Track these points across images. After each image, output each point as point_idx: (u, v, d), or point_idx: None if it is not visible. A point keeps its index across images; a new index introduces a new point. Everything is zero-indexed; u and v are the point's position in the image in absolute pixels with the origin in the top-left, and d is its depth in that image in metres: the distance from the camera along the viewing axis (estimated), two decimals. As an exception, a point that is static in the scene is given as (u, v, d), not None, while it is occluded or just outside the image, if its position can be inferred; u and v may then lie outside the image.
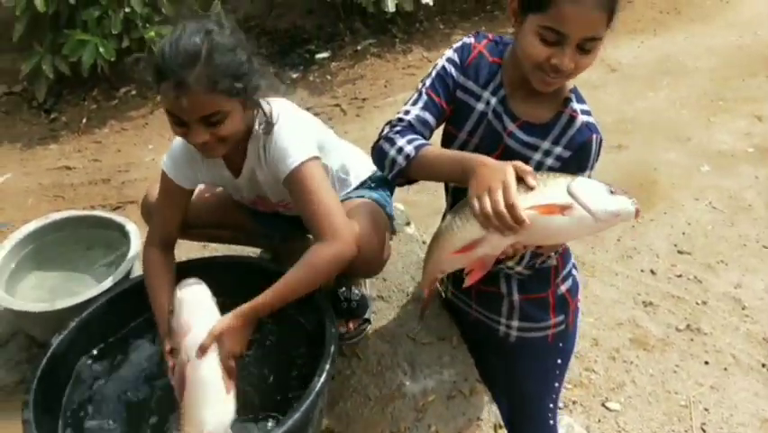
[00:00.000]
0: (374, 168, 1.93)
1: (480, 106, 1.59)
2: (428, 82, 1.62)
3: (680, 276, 3.20)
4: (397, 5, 4.81)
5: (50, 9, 4.20)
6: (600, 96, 4.54)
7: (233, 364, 1.52)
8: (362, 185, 1.97)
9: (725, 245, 3.36)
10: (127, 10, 4.28)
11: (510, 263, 1.58)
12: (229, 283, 1.74)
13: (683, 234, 3.45)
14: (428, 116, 1.59)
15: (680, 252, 3.34)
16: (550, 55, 1.39)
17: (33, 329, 2.00)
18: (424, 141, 1.55)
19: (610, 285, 3.18)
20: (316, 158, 1.66)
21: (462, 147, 1.63)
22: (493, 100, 1.58)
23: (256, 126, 1.71)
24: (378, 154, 1.58)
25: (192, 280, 1.62)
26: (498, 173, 1.35)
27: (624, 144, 4.09)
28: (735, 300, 3.05)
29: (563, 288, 1.77)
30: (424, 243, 2.67)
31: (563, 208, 1.32)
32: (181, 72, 1.50)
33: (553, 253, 1.65)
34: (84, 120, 4.45)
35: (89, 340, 1.76)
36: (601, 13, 1.35)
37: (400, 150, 1.52)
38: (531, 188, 1.34)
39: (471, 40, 1.63)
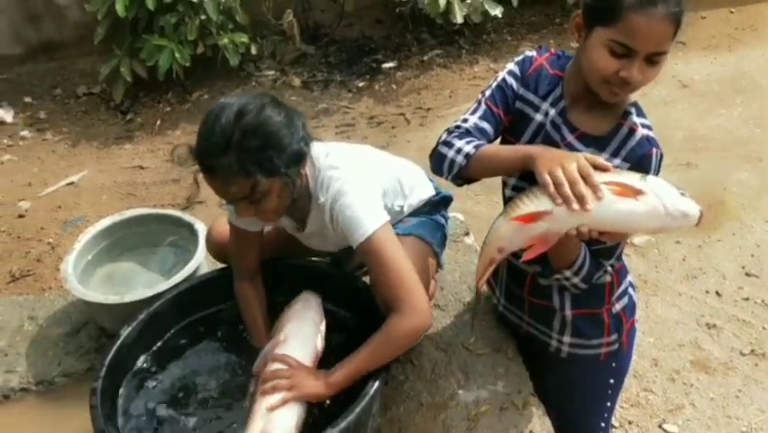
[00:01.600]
0: (431, 192, 1.98)
1: (539, 117, 1.60)
2: (488, 93, 1.64)
3: (746, 299, 3.11)
4: (465, 17, 4.81)
5: (130, 14, 4.37)
6: (671, 113, 4.44)
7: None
8: (418, 210, 1.96)
9: (795, 270, 3.25)
10: (203, 17, 4.42)
11: (568, 273, 1.57)
12: (295, 285, 1.82)
13: (752, 256, 3.35)
14: (486, 125, 1.61)
15: (747, 274, 3.25)
16: (619, 68, 1.39)
17: (104, 320, 2.09)
18: (482, 141, 1.58)
19: (673, 305, 3.11)
20: (387, 222, 1.65)
21: None
22: (552, 111, 1.58)
23: (312, 187, 1.70)
24: (437, 158, 1.60)
25: (314, 296, 1.76)
26: (569, 154, 1.40)
27: (693, 162, 3.99)
28: (803, 327, 2.94)
29: (618, 306, 1.75)
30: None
31: (638, 192, 1.33)
32: (210, 160, 1.51)
33: (609, 268, 1.62)
34: (158, 122, 4.61)
35: (156, 333, 1.83)
36: (670, 26, 1.36)
37: (459, 150, 1.55)
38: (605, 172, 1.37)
39: (533, 53, 1.65)
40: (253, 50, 4.75)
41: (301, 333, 1.67)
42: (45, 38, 5.04)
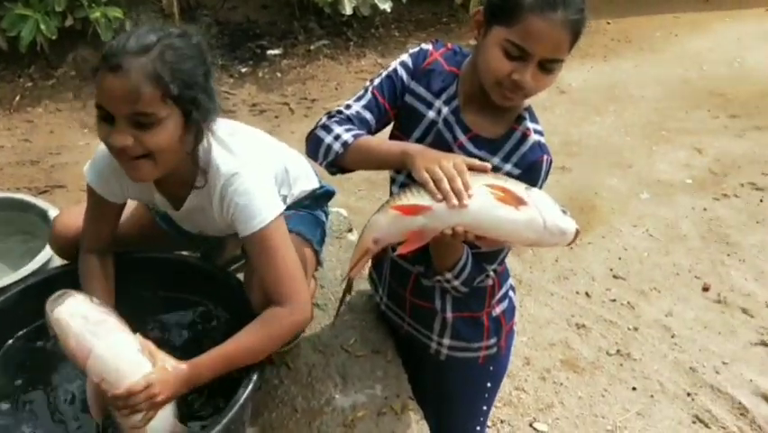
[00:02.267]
0: (315, 185, 1.88)
1: (431, 114, 1.55)
2: (376, 81, 1.58)
3: (613, 300, 3.24)
4: (354, 9, 4.76)
5: (-10, -21, 4.01)
6: (549, 118, 4.58)
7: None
8: (299, 203, 1.86)
9: (658, 273, 3.42)
10: (73, -13, 4.12)
11: (448, 276, 1.53)
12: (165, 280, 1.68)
13: (619, 259, 3.50)
14: (368, 115, 1.56)
15: (615, 276, 3.39)
16: (512, 70, 1.36)
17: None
18: (362, 132, 1.52)
19: (545, 305, 3.19)
20: (282, 213, 1.55)
21: None
22: (445, 109, 1.54)
23: (203, 161, 1.54)
24: (313, 141, 1.53)
25: (60, 293, 1.42)
26: (446, 154, 1.37)
27: (568, 166, 4.13)
28: (665, 328, 3.10)
29: (498, 309, 1.74)
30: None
31: (520, 202, 1.31)
32: (124, 56, 1.35)
33: (491, 272, 1.60)
34: (17, 98, 4.25)
35: (1, 331, 1.64)
36: (568, 34, 1.34)
37: (338, 137, 1.49)
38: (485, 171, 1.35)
39: (429, 46, 1.59)
40: (128, 26, 4.45)
41: (108, 348, 1.39)
42: None
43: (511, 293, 1.79)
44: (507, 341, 1.79)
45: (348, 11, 4.73)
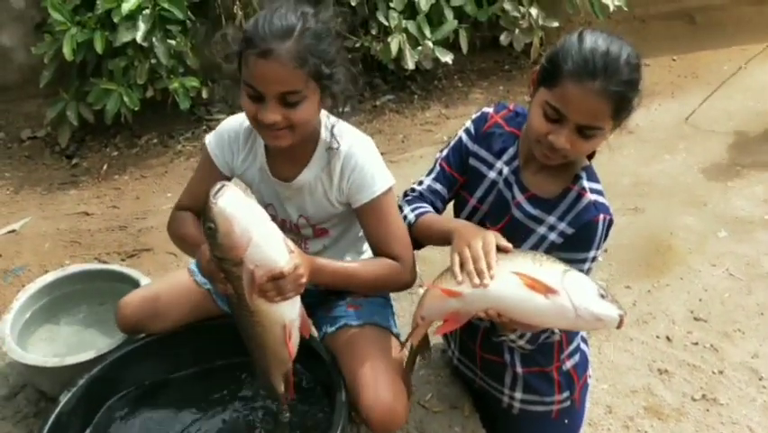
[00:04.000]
0: None
1: (492, 175, 1.61)
2: (444, 153, 1.67)
3: (696, 344, 3.15)
4: (416, 63, 4.88)
5: (78, 58, 4.30)
6: (617, 159, 4.53)
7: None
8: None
9: (741, 313, 3.31)
10: (153, 61, 4.37)
11: (512, 336, 1.56)
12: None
13: (700, 300, 3.41)
14: (439, 186, 1.67)
15: (696, 319, 3.30)
16: (548, 131, 1.41)
17: (43, 383, 1.99)
18: (427, 209, 1.63)
19: (625, 351, 3.13)
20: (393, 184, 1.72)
21: (472, 213, 1.66)
22: (506, 170, 1.60)
23: (323, 135, 1.70)
24: None
25: (220, 186, 1.46)
26: (479, 232, 1.44)
27: (640, 207, 4.07)
28: (751, 370, 2.99)
29: (569, 364, 1.74)
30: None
31: (549, 290, 1.31)
32: (272, 42, 1.50)
33: (556, 330, 1.62)
34: (105, 167, 4.51)
35: (99, 398, 1.75)
36: (606, 104, 1.36)
37: (405, 217, 1.64)
38: (506, 252, 1.39)
39: (490, 110, 1.66)
40: (204, 94, 4.70)
41: (263, 237, 1.46)
42: (-12, 80, 4.90)
43: (583, 346, 1.79)
44: (581, 394, 1.78)
45: (411, 66, 4.84)
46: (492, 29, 5.36)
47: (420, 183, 1.69)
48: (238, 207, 1.42)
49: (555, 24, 5.26)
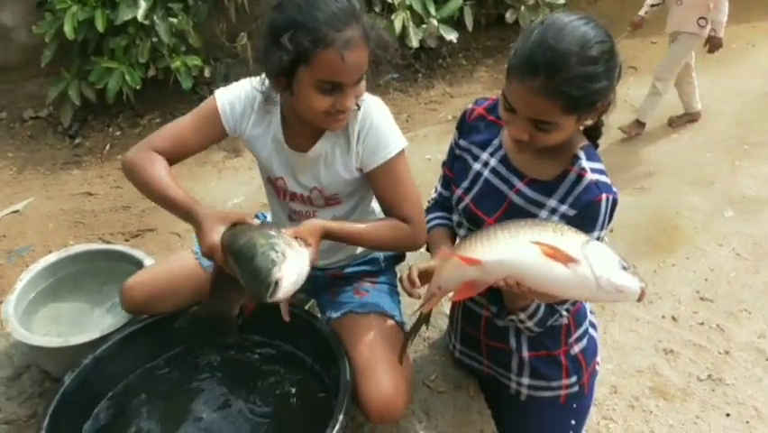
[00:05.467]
0: None
1: (477, 166, 1.61)
2: (445, 157, 1.75)
3: (702, 324, 3.15)
4: (420, 41, 4.83)
5: (79, 36, 4.27)
6: (625, 138, 4.51)
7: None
8: (374, 263, 1.94)
9: (748, 293, 3.30)
10: (154, 39, 4.34)
11: (522, 316, 1.54)
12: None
13: (706, 280, 3.40)
14: (447, 192, 1.73)
15: (702, 298, 3.29)
16: (508, 121, 1.45)
17: (47, 364, 1.98)
18: (439, 221, 1.73)
19: (630, 331, 3.13)
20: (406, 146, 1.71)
21: (458, 204, 1.65)
22: (492, 160, 1.59)
23: None
24: None
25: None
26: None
27: (647, 187, 4.05)
28: (758, 351, 2.99)
29: (577, 348, 1.72)
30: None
31: (569, 260, 1.29)
32: (347, 30, 1.46)
33: (564, 312, 1.59)
34: (107, 146, 4.50)
35: (104, 378, 1.74)
36: (549, 100, 1.33)
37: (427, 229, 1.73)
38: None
39: (471, 105, 1.67)
40: (207, 73, 4.68)
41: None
42: (-10, 60, 4.87)
43: (591, 331, 1.77)
44: (590, 379, 1.77)
45: (415, 44, 4.80)
46: (497, 6, 5.31)
47: (435, 190, 1.75)
48: (297, 284, 1.43)
49: (561, 1, 5.21)
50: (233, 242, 1.49)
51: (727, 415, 2.70)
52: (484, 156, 1.61)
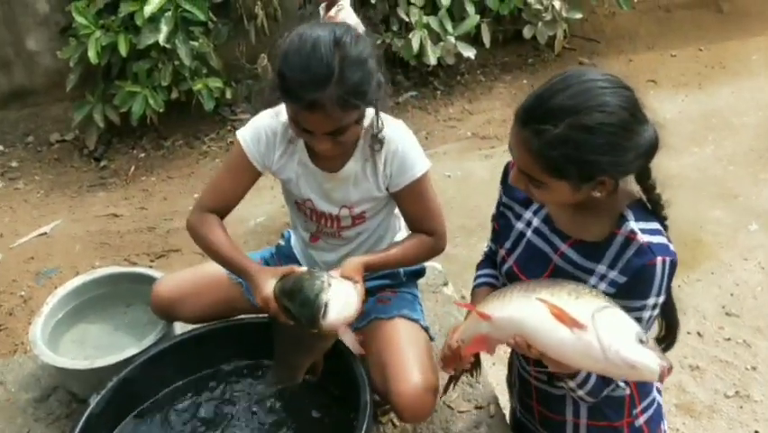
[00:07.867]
0: None
1: (520, 226, 1.53)
2: (494, 211, 1.67)
3: (728, 339, 3.10)
4: (438, 59, 4.86)
5: (103, 61, 4.35)
6: (644, 151, 4.47)
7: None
8: (395, 277, 1.97)
9: (775, 308, 3.25)
10: (176, 63, 4.41)
11: (572, 384, 1.39)
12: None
13: (731, 295, 3.35)
14: (495, 245, 1.66)
15: (728, 314, 3.24)
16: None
17: (73, 385, 2.02)
18: (485, 278, 1.69)
19: (655, 347, 3.09)
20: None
21: (502, 265, 1.57)
22: (535, 220, 1.49)
23: (365, 124, 1.71)
24: None
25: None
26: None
27: (668, 201, 3.99)
28: (786, 367, 2.94)
29: (642, 419, 1.58)
30: (463, 297, 2.64)
31: (574, 323, 1.20)
32: (314, 94, 1.49)
33: (622, 383, 1.47)
34: (132, 168, 4.56)
35: (129, 399, 1.77)
36: (528, 155, 1.29)
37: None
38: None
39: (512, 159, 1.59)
40: (228, 95, 4.74)
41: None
42: (16, 85, 4.98)
43: (659, 398, 1.63)
44: None
45: (432, 61, 4.83)
46: (515, 22, 5.32)
47: (487, 246, 1.74)
48: (347, 310, 1.53)
49: (579, 16, 5.20)
50: (283, 286, 1.60)
51: (756, 432, 2.66)
52: (527, 215, 1.51)
